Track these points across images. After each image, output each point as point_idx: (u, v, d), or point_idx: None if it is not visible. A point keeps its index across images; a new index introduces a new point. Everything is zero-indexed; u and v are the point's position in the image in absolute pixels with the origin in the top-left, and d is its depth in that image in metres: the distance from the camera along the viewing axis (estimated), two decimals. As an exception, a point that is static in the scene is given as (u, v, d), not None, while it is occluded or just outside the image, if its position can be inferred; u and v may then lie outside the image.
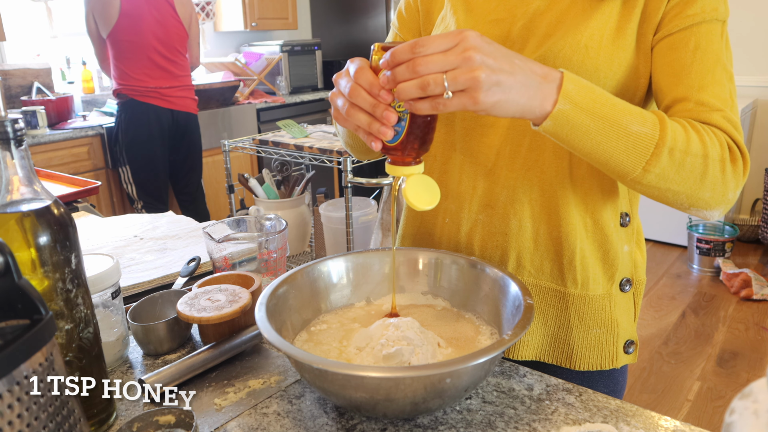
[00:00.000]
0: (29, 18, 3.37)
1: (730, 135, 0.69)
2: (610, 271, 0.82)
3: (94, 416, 0.63)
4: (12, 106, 3.21)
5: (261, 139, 2.38)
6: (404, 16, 0.94)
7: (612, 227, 0.81)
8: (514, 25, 0.79)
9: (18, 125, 0.55)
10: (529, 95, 0.61)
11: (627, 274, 0.84)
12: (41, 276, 0.56)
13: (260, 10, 4.10)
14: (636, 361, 0.89)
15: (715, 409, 2.19)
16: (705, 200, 0.69)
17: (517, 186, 0.80)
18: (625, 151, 0.65)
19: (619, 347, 0.85)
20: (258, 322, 0.64)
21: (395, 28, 0.95)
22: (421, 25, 0.92)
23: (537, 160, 0.79)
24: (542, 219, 0.80)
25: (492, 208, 0.82)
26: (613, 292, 0.83)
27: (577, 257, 0.80)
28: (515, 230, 0.81)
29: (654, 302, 2.99)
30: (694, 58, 0.70)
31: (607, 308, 0.83)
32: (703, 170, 0.67)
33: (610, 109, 0.64)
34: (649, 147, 0.64)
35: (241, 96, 3.89)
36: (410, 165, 0.66)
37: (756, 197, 3.75)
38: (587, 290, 0.82)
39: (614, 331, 0.84)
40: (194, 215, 3.00)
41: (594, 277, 0.82)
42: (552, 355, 0.85)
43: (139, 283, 0.99)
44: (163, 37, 2.86)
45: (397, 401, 0.58)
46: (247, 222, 1.00)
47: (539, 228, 0.81)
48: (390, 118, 0.60)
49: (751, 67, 3.65)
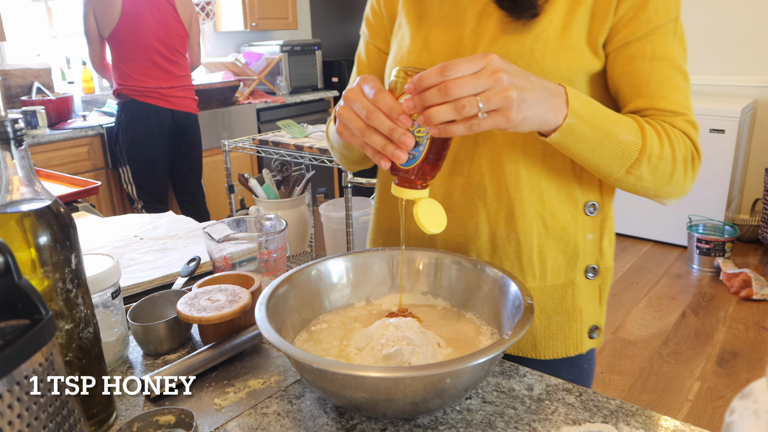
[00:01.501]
0: (29, 18, 3.37)
1: (690, 138, 0.77)
2: (571, 261, 0.84)
3: (94, 416, 0.63)
4: (12, 106, 3.21)
5: (261, 139, 2.38)
6: (372, 23, 0.94)
7: (570, 218, 0.83)
8: (464, 29, 0.81)
9: (18, 125, 0.55)
10: (546, 109, 0.66)
11: (592, 262, 0.86)
12: (41, 276, 0.56)
13: (260, 10, 4.10)
14: (600, 345, 0.91)
15: (715, 409, 2.19)
16: (668, 193, 0.78)
17: (472, 191, 0.82)
18: (614, 157, 0.72)
19: (584, 333, 0.87)
20: (258, 322, 0.64)
21: (366, 37, 0.95)
22: (388, 30, 0.92)
23: (491, 165, 0.81)
24: (498, 222, 0.82)
25: (451, 212, 0.83)
26: (577, 280, 0.85)
27: (535, 253, 0.82)
28: (472, 234, 0.83)
29: (654, 302, 2.99)
30: (652, 68, 0.75)
31: (569, 297, 0.85)
32: (672, 172, 0.75)
33: (605, 120, 0.70)
34: (633, 154, 0.72)
35: (241, 96, 3.89)
36: (418, 189, 0.68)
37: (756, 197, 3.75)
38: (545, 282, 0.84)
39: (578, 318, 0.86)
40: (194, 215, 2.99)
41: (553, 269, 0.84)
42: (516, 346, 0.87)
43: (139, 283, 0.99)
44: (163, 37, 2.86)
45: (397, 401, 0.58)
46: (247, 222, 1.00)
47: (496, 231, 0.82)
48: (408, 143, 0.63)
49: (751, 67, 3.66)
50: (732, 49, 3.69)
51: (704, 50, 3.78)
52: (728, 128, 3.31)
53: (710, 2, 3.69)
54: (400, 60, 0.85)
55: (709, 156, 3.38)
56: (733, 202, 3.60)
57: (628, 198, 3.95)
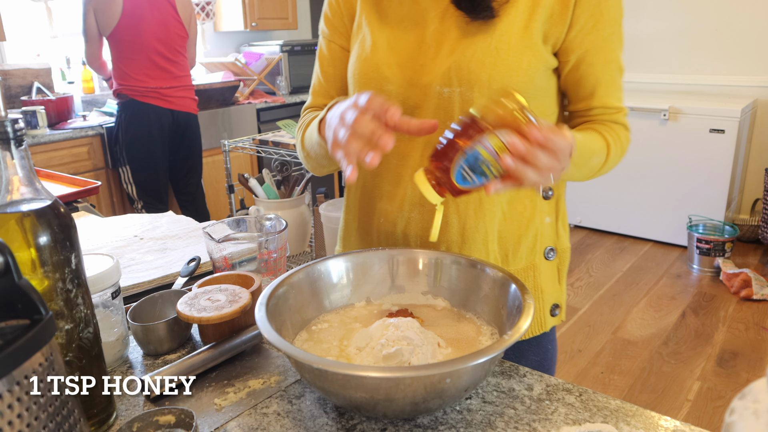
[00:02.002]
0: (29, 18, 3.37)
1: (627, 127, 0.89)
2: (531, 243, 0.90)
3: (94, 416, 0.63)
4: (12, 106, 3.21)
5: (261, 139, 2.38)
6: (332, 21, 0.94)
7: (529, 203, 0.88)
8: (426, 29, 0.83)
9: (18, 125, 0.55)
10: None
11: (550, 244, 0.92)
12: (41, 276, 0.56)
13: (260, 10, 4.10)
14: (560, 323, 0.97)
15: (715, 409, 2.19)
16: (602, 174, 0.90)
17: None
18: (583, 175, 0.86)
19: (546, 312, 0.93)
20: (258, 322, 0.64)
21: (327, 36, 0.95)
22: (348, 28, 0.93)
23: None
24: (468, 214, 0.86)
25: (423, 206, 0.87)
26: (537, 262, 0.91)
27: (497, 241, 0.88)
28: (442, 226, 0.86)
29: (654, 302, 2.99)
30: (603, 72, 0.84)
31: (531, 278, 0.91)
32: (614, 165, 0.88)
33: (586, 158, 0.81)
34: (597, 170, 0.86)
35: (241, 96, 3.89)
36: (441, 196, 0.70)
37: (756, 197, 3.75)
38: (509, 266, 0.89)
39: (540, 298, 0.92)
40: (194, 215, 2.99)
41: (516, 253, 0.89)
42: None
43: (139, 283, 0.99)
44: (164, 37, 2.86)
45: (397, 401, 0.58)
46: (247, 222, 1.00)
47: (465, 222, 0.86)
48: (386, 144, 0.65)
49: (751, 67, 3.65)
50: (732, 49, 3.69)
51: (704, 50, 3.78)
52: (728, 128, 3.30)
53: (710, 2, 3.69)
54: (365, 60, 0.86)
55: (709, 156, 3.38)
56: (733, 202, 3.60)
57: (628, 198, 3.93)
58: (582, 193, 3.87)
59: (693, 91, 3.87)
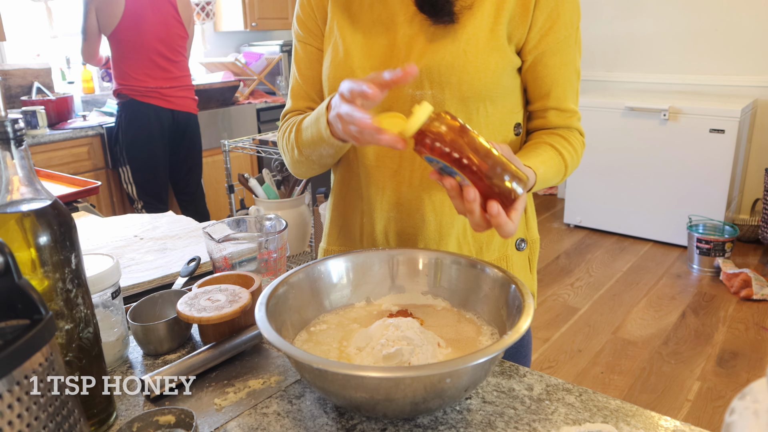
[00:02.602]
0: (29, 18, 3.37)
1: (581, 132, 0.94)
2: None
3: (94, 416, 0.63)
4: (12, 106, 3.21)
5: (261, 139, 2.38)
6: (306, 23, 0.94)
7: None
8: (397, 33, 0.85)
9: (18, 125, 0.55)
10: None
11: (521, 235, 0.97)
12: (41, 276, 0.56)
13: (260, 10, 4.10)
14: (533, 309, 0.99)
15: (715, 409, 2.19)
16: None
17: (418, 185, 0.88)
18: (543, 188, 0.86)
19: None
20: (258, 322, 0.64)
21: (302, 38, 0.95)
22: (321, 30, 0.93)
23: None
24: (444, 211, 0.89)
25: (401, 206, 0.90)
26: (509, 253, 0.95)
27: (470, 235, 0.92)
28: (420, 224, 0.90)
29: (654, 302, 2.99)
30: (560, 73, 0.88)
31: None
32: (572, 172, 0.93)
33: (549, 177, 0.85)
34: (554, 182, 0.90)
35: (241, 96, 3.89)
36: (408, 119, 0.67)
37: (756, 197, 3.75)
38: (482, 258, 0.91)
39: None
40: (194, 215, 3.00)
41: (488, 245, 0.93)
42: None
43: (139, 283, 0.99)
44: (164, 37, 2.86)
45: (397, 401, 0.58)
46: (247, 222, 1.00)
47: (441, 219, 0.89)
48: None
49: (751, 67, 3.65)
50: (732, 49, 3.69)
51: (704, 50, 3.78)
52: (728, 128, 3.30)
53: (710, 2, 3.69)
54: (339, 64, 0.88)
55: (709, 156, 3.38)
56: (733, 202, 3.60)
57: (628, 198, 3.94)
58: (582, 193, 3.87)
59: (693, 91, 3.87)
